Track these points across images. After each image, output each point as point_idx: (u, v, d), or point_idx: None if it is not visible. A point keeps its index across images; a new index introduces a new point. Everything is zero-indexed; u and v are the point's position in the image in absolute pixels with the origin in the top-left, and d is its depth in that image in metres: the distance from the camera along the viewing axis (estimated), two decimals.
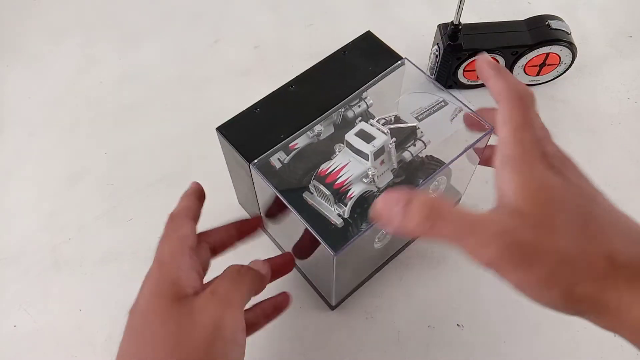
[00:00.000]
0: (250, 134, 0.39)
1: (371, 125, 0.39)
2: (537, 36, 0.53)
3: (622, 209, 0.27)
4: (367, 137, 0.39)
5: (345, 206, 0.38)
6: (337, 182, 0.38)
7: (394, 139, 0.39)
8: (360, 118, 0.42)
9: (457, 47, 0.53)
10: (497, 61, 0.54)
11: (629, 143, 0.55)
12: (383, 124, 0.40)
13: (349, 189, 0.38)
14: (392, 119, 0.42)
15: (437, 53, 0.55)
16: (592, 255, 0.25)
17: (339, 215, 0.38)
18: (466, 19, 0.52)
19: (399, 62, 0.43)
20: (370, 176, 0.38)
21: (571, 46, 0.54)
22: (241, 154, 0.38)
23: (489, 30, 0.54)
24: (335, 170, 0.39)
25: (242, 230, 0.39)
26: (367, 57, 0.43)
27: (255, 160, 0.38)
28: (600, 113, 0.57)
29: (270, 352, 0.44)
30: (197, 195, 0.37)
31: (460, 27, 0.52)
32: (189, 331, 0.30)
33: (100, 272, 0.48)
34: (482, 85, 0.57)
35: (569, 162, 0.29)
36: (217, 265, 0.35)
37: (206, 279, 0.34)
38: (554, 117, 0.56)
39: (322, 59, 0.43)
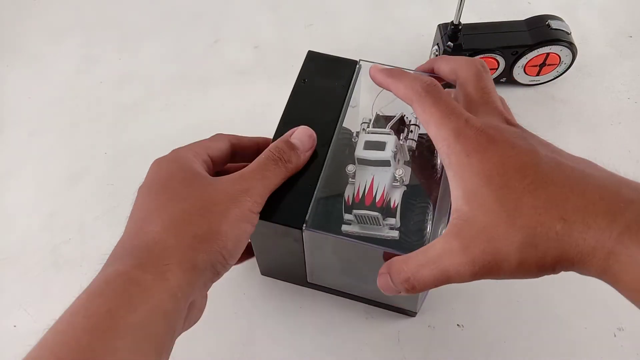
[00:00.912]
0: (279, 201, 0.36)
1: (372, 133, 0.39)
2: (537, 36, 0.53)
3: None
4: (377, 145, 0.38)
5: (395, 217, 0.37)
6: (377, 200, 0.37)
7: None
8: (354, 133, 0.41)
9: (457, 47, 0.53)
10: (497, 61, 0.54)
11: (629, 143, 0.55)
12: (373, 127, 0.39)
13: (390, 199, 0.37)
14: (371, 120, 0.41)
15: (437, 53, 0.55)
16: (545, 223, 0.25)
17: (391, 229, 0.38)
18: (466, 19, 0.52)
19: (357, 66, 0.42)
20: (398, 178, 0.38)
21: (571, 46, 0.54)
22: (288, 226, 0.35)
23: (489, 30, 0.54)
24: (368, 190, 0.37)
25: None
26: (327, 75, 0.42)
27: (304, 225, 0.35)
28: (600, 113, 0.57)
29: (270, 351, 0.44)
30: (259, 143, 0.38)
31: (460, 27, 0.53)
32: (212, 195, 0.31)
33: None
34: None
35: (507, 122, 0.30)
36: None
37: None
38: (554, 117, 0.56)
39: (289, 95, 0.41)
